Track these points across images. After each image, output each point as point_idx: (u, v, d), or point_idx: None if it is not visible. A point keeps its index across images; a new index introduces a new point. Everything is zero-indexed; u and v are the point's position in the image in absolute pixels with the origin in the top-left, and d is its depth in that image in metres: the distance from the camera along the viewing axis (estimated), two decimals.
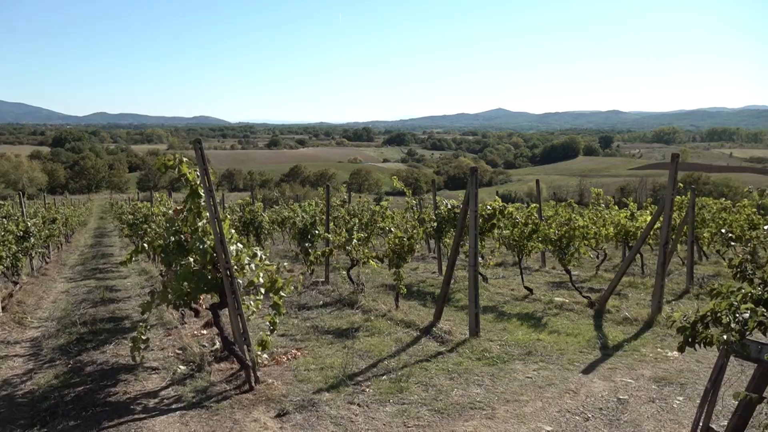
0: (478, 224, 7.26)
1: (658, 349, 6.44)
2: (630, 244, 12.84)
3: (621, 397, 5.06)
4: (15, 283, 11.04)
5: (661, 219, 7.97)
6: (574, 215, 9.74)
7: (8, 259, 9.45)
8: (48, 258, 16.65)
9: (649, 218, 11.94)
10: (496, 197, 9.64)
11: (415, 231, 8.75)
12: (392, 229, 9.21)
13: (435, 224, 10.48)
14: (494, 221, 8.77)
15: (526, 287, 9.99)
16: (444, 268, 9.21)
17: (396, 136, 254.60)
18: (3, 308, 9.19)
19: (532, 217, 9.90)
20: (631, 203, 13.52)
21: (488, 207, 8.74)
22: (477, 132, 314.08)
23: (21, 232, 10.78)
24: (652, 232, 9.85)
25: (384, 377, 5.66)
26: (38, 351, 7.17)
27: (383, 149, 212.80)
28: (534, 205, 10.73)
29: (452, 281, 9.02)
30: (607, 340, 6.83)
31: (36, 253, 12.24)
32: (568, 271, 9.48)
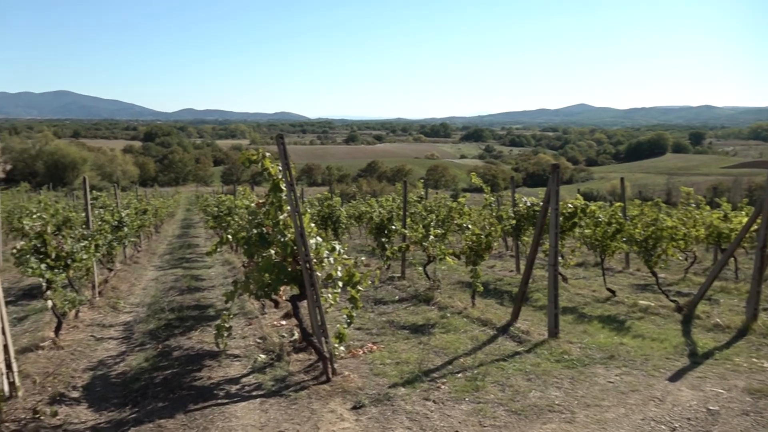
0: (559, 222, 7.07)
1: (753, 359, 6.04)
2: (723, 247, 12.14)
3: (711, 407, 4.79)
4: (110, 270, 11.73)
5: (758, 221, 7.48)
6: (661, 215, 9.30)
7: (104, 247, 10.03)
8: (139, 247, 17.59)
9: (744, 220, 11.24)
10: (578, 195, 9.37)
11: (492, 228, 8.62)
12: (469, 226, 9.12)
13: (513, 222, 10.30)
14: (575, 220, 8.55)
15: (608, 289, 9.65)
16: (522, 267, 9.04)
17: (473, 132, 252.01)
18: (99, 293, 9.79)
19: (616, 217, 9.54)
20: (725, 203, 12.77)
21: (569, 205, 8.52)
22: (558, 128, 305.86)
23: (116, 222, 11.42)
24: (747, 235, 9.27)
25: (459, 375, 5.62)
26: (130, 334, 7.60)
27: (460, 145, 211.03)
28: (618, 203, 10.32)
29: (530, 280, 8.84)
30: (695, 347, 6.48)
31: (129, 242, 12.95)
32: (654, 274, 9.08)
